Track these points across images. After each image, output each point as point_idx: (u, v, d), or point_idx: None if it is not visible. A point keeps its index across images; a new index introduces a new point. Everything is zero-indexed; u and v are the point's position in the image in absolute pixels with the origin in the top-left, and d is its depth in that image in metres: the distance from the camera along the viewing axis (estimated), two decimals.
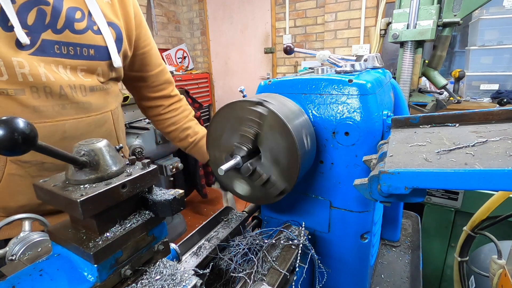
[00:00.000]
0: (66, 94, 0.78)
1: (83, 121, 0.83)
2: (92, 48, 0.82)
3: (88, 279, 0.39)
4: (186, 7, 5.41)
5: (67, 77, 0.78)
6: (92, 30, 0.81)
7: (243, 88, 0.92)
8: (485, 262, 1.05)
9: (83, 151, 0.40)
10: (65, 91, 0.78)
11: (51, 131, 0.77)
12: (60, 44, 0.76)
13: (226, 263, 0.70)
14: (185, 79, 4.60)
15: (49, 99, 0.76)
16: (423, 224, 1.48)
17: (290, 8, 4.36)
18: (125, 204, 0.43)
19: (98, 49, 0.84)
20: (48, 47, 0.74)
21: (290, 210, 0.81)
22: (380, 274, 0.91)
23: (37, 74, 0.73)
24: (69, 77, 0.79)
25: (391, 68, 3.29)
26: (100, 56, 0.84)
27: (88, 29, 0.80)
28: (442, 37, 1.91)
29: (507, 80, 2.94)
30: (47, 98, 0.75)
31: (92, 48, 0.82)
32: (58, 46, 0.76)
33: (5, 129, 0.30)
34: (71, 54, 0.78)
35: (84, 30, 0.80)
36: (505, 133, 0.50)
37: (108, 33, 0.84)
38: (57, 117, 0.77)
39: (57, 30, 0.75)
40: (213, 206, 3.55)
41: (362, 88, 0.65)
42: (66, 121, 0.79)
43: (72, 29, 0.77)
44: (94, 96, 0.85)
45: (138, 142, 1.99)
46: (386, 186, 0.45)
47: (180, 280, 0.43)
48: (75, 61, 0.79)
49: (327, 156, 0.71)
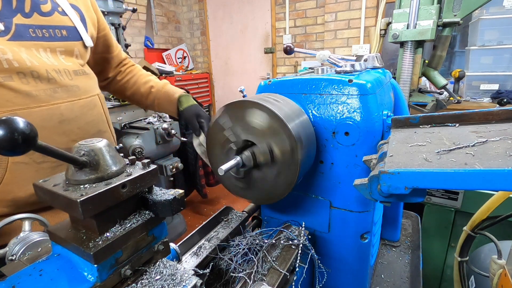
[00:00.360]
0: (54, 78, 0.79)
1: (76, 103, 0.84)
2: (63, 29, 0.83)
3: (88, 279, 0.39)
4: (186, 7, 5.41)
5: (49, 61, 0.79)
6: (58, 12, 0.83)
7: (243, 88, 0.92)
8: (485, 262, 1.05)
9: (83, 151, 0.40)
10: (52, 75, 0.79)
11: (49, 115, 0.78)
12: (34, 28, 0.77)
13: (226, 263, 0.70)
14: (185, 79, 4.60)
15: (38, 83, 0.76)
16: (423, 224, 1.48)
17: (290, 8, 4.36)
18: (125, 204, 0.43)
19: (69, 30, 0.85)
20: (24, 31, 0.75)
21: (290, 210, 0.81)
22: (380, 274, 0.91)
23: (21, 59, 0.73)
24: (51, 61, 0.80)
25: (391, 68, 3.29)
26: (72, 37, 0.86)
27: (54, 10, 0.82)
28: (442, 37, 1.91)
29: (507, 80, 2.94)
30: (37, 83, 0.76)
31: (63, 29, 0.83)
32: (32, 29, 0.76)
33: (5, 129, 0.30)
34: (46, 36, 0.79)
35: (51, 12, 0.81)
36: (505, 133, 0.50)
37: (73, 14, 0.86)
38: (51, 101, 0.78)
39: (26, 14, 0.75)
40: (213, 206, 3.55)
41: (362, 88, 0.65)
42: (60, 104, 0.80)
43: (40, 12, 0.78)
44: (79, 80, 0.87)
45: (138, 142, 1.99)
46: (386, 186, 0.45)
47: (180, 280, 0.43)
48: (52, 43, 0.81)
49: (327, 156, 0.71)
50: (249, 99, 0.64)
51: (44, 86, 0.77)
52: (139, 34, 4.61)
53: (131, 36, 4.40)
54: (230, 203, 1.79)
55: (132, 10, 2.27)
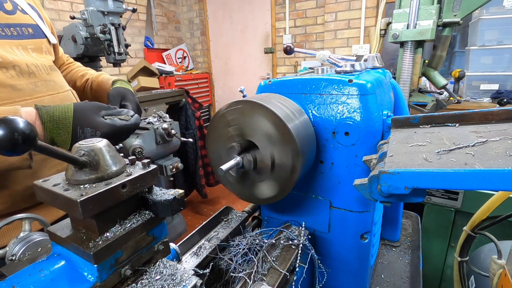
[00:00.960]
0: (34, 72, 0.80)
1: (56, 97, 0.85)
2: (28, 27, 0.84)
3: (88, 279, 0.39)
4: (186, 7, 5.41)
5: (25, 57, 0.80)
6: (19, 10, 0.83)
7: (243, 88, 0.92)
8: (485, 262, 1.05)
9: (83, 151, 0.40)
10: (32, 69, 0.80)
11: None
12: (2, 26, 0.77)
13: (226, 263, 0.70)
14: (185, 79, 4.60)
15: (20, 78, 0.77)
16: (423, 224, 1.48)
17: (290, 8, 4.36)
18: (125, 204, 0.43)
19: (34, 28, 0.86)
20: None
21: (290, 210, 0.81)
22: (380, 274, 0.91)
23: (3, 55, 0.74)
24: (27, 57, 0.81)
25: (391, 68, 3.29)
26: (38, 34, 0.87)
27: (15, 9, 0.82)
28: (442, 37, 1.91)
29: (507, 80, 2.94)
30: (19, 77, 0.77)
31: (29, 27, 0.84)
32: (1, 28, 0.77)
33: (5, 129, 0.30)
34: (14, 34, 0.80)
35: (14, 10, 0.81)
36: (505, 133, 0.50)
37: (33, 13, 0.87)
38: (34, 94, 0.79)
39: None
40: (213, 206, 3.55)
41: (362, 88, 0.65)
42: (43, 97, 0.81)
43: (4, 10, 0.79)
44: (54, 75, 0.88)
45: (138, 142, 1.99)
46: (386, 186, 0.45)
47: (180, 280, 0.43)
48: (23, 41, 0.81)
49: (327, 156, 0.71)
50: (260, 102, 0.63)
51: (26, 80, 0.78)
52: (139, 34, 4.61)
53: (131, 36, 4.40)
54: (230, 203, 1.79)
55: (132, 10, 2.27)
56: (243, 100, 0.64)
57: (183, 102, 3.40)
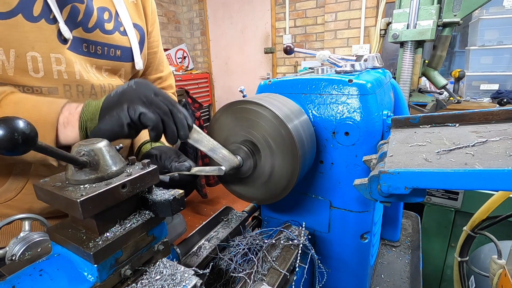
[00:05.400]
0: (96, 94, 0.78)
1: None
2: (119, 49, 0.82)
3: (88, 279, 0.39)
4: (186, 7, 5.41)
5: (95, 76, 0.78)
6: (119, 31, 0.81)
7: (243, 88, 0.92)
8: (485, 262, 1.05)
9: (83, 151, 0.40)
10: (95, 91, 0.77)
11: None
12: (89, 43, 0.75)
13: (226, 263, 0.70)
14: (185, 79, 4.60)
15: (80, 98, 0.75)
16: (423, 224, 1.48)
17: (290, 8, 4.36)
18: (125, 204, 0.43)
19: (124, 50, 0.83)
20: (78, 45, 0.73)
21: (290, 210, 0.81)
22: (380, 274, 0.91)
23: (73, 72, 0.72)
24: (97, 76, 0.79)
25: (391, 68, 3.29)
26: (125, 57, 0.84)
27: (115, 30, 0.80)
28: (442, 37, 1.91)
29: (507, 80, 2.94)
30: (78, 97, 0.75)
31: (119, 49, 0.82)
32: (86, 44, 0.75)
33: (5, 129, 0.30)
34: (98, 53, 0.78)
35: (112, 30, 0.79)
36: (505, 133, 0.50)
37: (133, 35, 0.84)
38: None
39: (88, 28, 0.74)
40: (213, 206, 3.55)
41: (362, 88, 0.65)
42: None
43: (103, 29, 0.77)
44: None
45: None
46: (386, 186, 0.45)
47: (180, 280, 0.43)
48: (101, 61, 0.79)
49: (327, 156, 0.71)
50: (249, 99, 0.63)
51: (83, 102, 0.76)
52: None
53: None
54: (230, 203, 1.79)
55: None
56: (243, 100, 0.64)
57: (183, 102, 3.40)
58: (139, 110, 0.52)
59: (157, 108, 0.54)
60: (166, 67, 1.07)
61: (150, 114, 0.53)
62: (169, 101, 0.57)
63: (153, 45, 0.97)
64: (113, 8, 0.80)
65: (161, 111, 0.54)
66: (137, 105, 0.53)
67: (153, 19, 0.95)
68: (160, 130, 0.55)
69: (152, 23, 0.94)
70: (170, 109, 0.56)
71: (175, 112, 0.56)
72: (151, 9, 0.94)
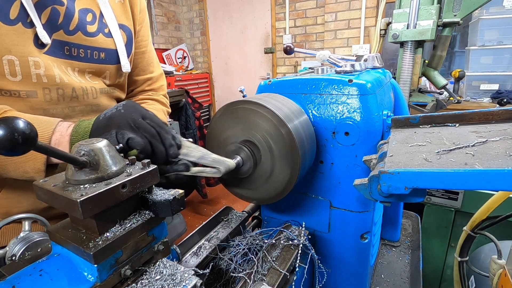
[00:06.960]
0: (77, 96, 0.76)
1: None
2: (103, 51, 0.80)
3: (88, 279, 0.39)
4: (186, 7, 5.41)
5: (77, 79, 0.77)
6: (103, 33, 0.79)
7: (243, 88, 0.92)
8: (485, 262, 1.05)
9: (83, 151, 0.40)
10: (76, 94, 0.76)
11: None
12: (71, 46, 0.73)
13: (226, 263, 0.70)
14: (185, 79, 4.60)
15: (60, 101, 0.74)
16: (423, 224, 1.48)
17: (290, 8, 4.36)
18: (125, 204, 0.43)
19: (109, 53, 0.81)
20: (58, 48, 0.72)
21: (290, 210, 0.81)
22: (380, 274, 0.91)
23: (52, 75, 0.70)
24: (79, 79, 0.77)
25: (391, 68, 3.29)
26: (110, 60, 0.82)
27: (99, 32, 0.78)
28: (442, 37, 1.91)
29: (507, 80, 2.94)
30: (59, 101, 0.73)
31: (103, 52, 0.80)
32: (68, 47, 0.73)
33: (5, 129, 0.30)
34: (81, 56, 0.76)
35: (96, 33, 0.77)
36: (505, 133, 0.50)
37: (119, 37, 0.82)
38: (66, 119, 0.74)
39: (70, 31, 0.72)
40: (213, 206, 3.55)
41: (362, 88, 0.65)
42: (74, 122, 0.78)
43: (85, 31, 0.75)
44: (103, 98, 0.84)
45: None
46: (386, 186, 0.45)
47: (180, 280, 0.43)
48: (84, 64, 0.77)
49: (327, 156, 0.71)
50: (249, 99, 0.63)
51: (63, 105, 0.74)
52: None
53: None
54: (230, 203, 1.79)
55: None
56: (243, 100, 0.64)
57: (183, 102, 3.40)
58: (127, 136, 0.53)
59: (144, 131, 0.55)
60: (157, 67, 1.03)
61: (138, 139, 0.53)
62: (157, 123, 0.58)
63: (141, 44, 0.94)
64: (98, 9, 0.78)
65: (149, 135, 0.55)
66: (125, 130, 0.54)
67: (142, 18, 0.92)
68: (149, 152, 0.55)
69: (140, 22, 0.91)
70: (157, 131, 0.56)
71: (163, 133, 0.57)
72: (140, 8, 0.91)
